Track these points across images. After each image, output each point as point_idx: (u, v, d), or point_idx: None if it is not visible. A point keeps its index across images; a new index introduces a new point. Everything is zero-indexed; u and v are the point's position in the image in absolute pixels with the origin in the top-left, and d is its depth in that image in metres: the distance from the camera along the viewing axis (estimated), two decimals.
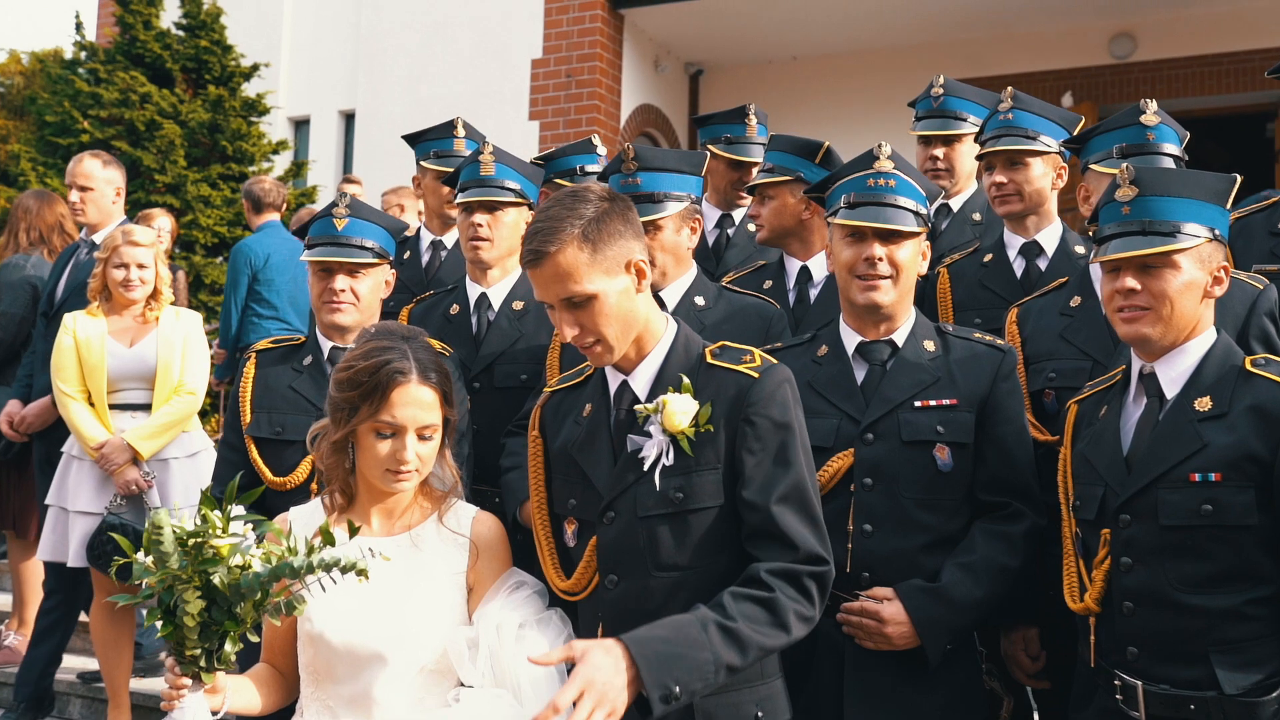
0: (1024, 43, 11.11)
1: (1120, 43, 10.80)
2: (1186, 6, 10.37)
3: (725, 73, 12.23)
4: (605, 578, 2.48)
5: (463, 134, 4.68)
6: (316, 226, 3.53)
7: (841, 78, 11.58)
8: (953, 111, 4.06)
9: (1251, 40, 10.24)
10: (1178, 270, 2.52)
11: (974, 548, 2.78)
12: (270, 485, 3.41)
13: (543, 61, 11.00)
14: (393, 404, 2.55)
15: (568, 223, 2.42)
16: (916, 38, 11.34)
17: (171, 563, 2.13)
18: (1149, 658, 2.49)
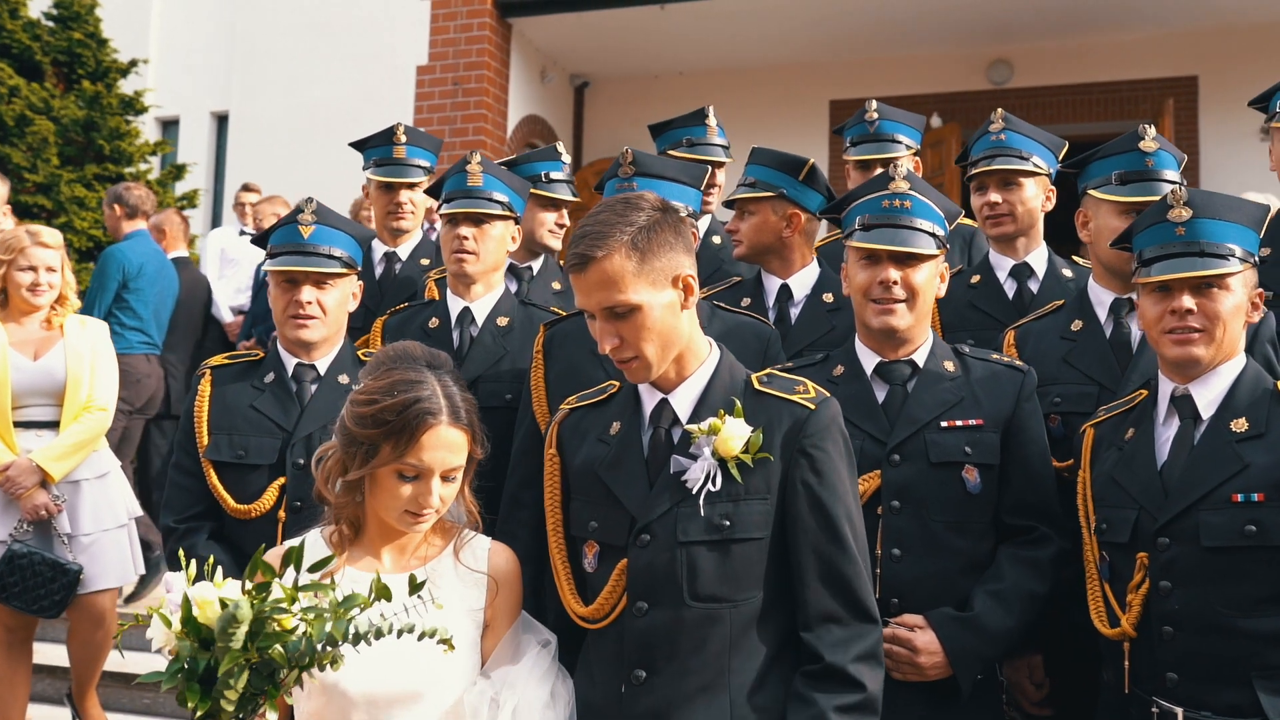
0: (905, 66, 11.34)
1: (998, 69, 11.12)
2: (1061, 37, 10.74)
3: (611, 85, 12.14)
4: (633, 605, 2.34)
5: (404, 140, 4.48)
6: (280, 234, 3.29)
7: (726, 94, 11.59)
8: (889, 135, 4.09)
9: (1122, 71, 10.67)
10: (1230, 292, 2.54)
11: (1003, 575, 2.74)
12: (232, 513, 3.17)
13: (429, 68, 10.72)
14: (421, 447, 2.33)
15: (618, 229, 2.33)
16: (802, 57, 11.47)
17: (235, 643, 1.88)
18: (1190, 683, 2.46)
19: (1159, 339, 2.60)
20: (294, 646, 1.89)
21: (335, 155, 10.52)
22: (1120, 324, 3.08)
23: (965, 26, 10.68)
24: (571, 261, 2.35)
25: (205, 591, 1.94)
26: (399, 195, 4.42)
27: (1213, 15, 10.24)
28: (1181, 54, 10.56)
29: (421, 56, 10.71)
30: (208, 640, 1.93)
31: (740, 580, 2.32)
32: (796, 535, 2.32)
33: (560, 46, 11.46)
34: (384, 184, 4.44)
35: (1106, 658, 2.67)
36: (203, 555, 3.05)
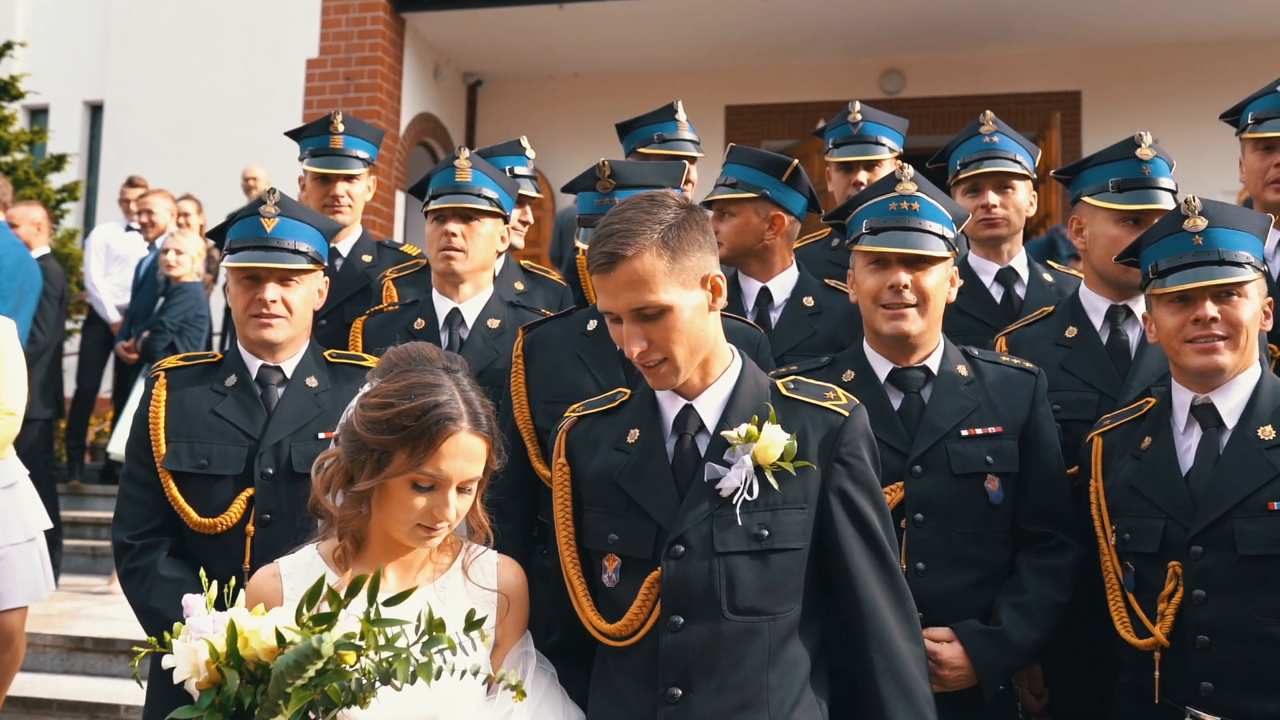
0: (801, 73, 11.43)
1: (890, 79, 11.30)
2: (952, 50, 10.97)
3: (505, 85, 11.94)
4: (668, 619, 2.23)
5: (342, 129, 4.25)
6: (240, 228, 3.05)
7: (622, 97, 11.49)
8: (872, 137, 4.01)
9: (1010, 84, 10.95)
10: (1249, 300, 2.54)
11: (1025, 586, 2.70)
12: (195, 528, 2.92)
13: (319, 62, 10.37)
14: (440, 456, 2.17)
15: (647, 226, 2.22)
16: (699, 62, 11.47)
17: (302, 680, 1.68)
18: (1226, 692, 2.44)
19: (1180, 349, 2.58)
20: (354, 684, 1.70)
21: (218, 149, 10.13)
22: (1117, 331, 3.06)
23: (860, 37, 10.83)
24: (598, 261, 2.23)
25: (255, 621, 1.74)
26: (336, 187, 4.18)
27: (1094, 34, 10.60)
28: (1066, 70, 10.89)
29: (312, 49, 10.36)
30: (253, 674, 1.73)
31: (779, 592, 2.25)
32: (840, 545, 2.28)
33: (454, 44, 11.22)
34: (320, 175, 4.20)
35: (1130, 667, 2.63)
36: (163, 574, 2.86)
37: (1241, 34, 10.29)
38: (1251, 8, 9.85)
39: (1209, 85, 9.98)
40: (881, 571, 2.30)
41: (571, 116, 11.58)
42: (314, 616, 1.73)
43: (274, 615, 1.79)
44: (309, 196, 4.27)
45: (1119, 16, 10.20)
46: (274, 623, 1.75)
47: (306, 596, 1.74)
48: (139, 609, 2.94)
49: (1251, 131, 3.41)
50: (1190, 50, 10.49)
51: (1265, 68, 10.16)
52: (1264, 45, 10.24)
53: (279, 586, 2.27)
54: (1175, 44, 10.52)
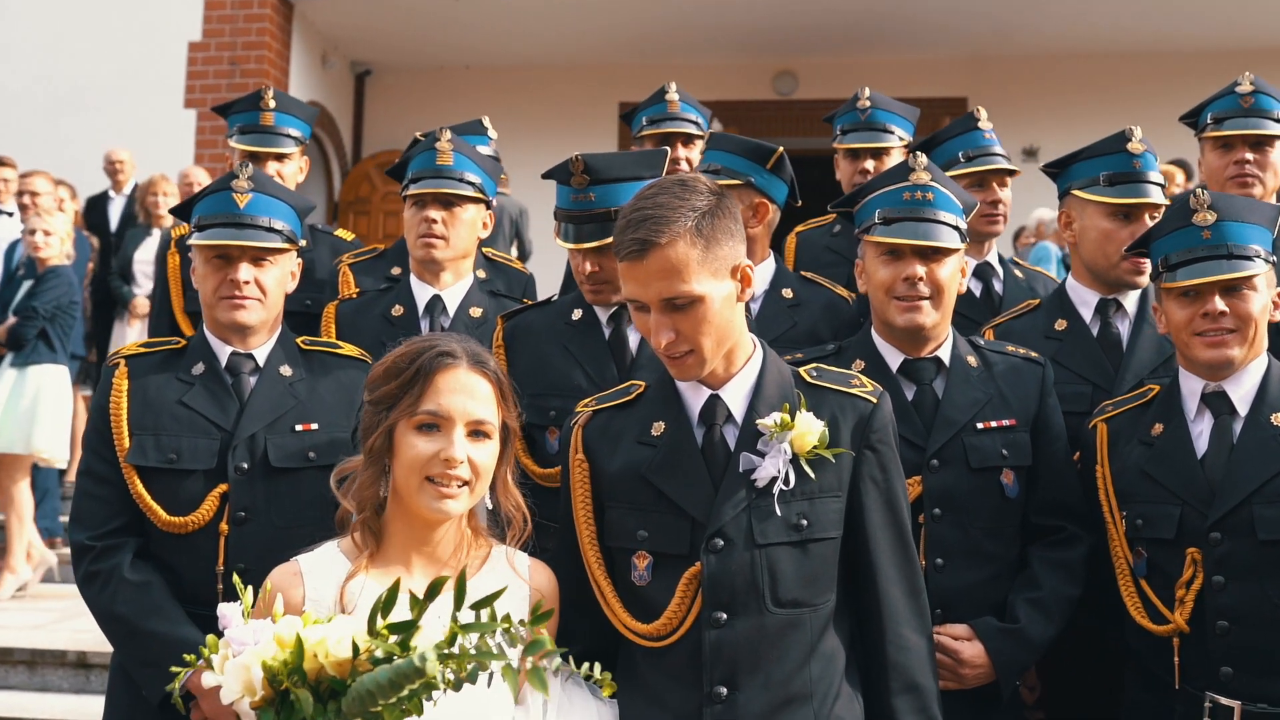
0: (695, 72, 11.38)
1: (783, 80, 11.38)
2: (843, 54, 11.10)
3: (394, 75, 11.64)
4: (710, 615, 2.16)
5: (273, 106, 4.04)
6: (209, 203, 2.84)
7: (514, 91, 11.36)
8: (881, 124, 3.95)
9: (899, 89, 11.00)
10: (1258, 293, 2.57)
11: (1039, 581, 2.69)
12: (163, 527, 2.71)
13: (202, 45, 9.93)
14: (437, 389, 2.10)
15: (680, 213, 2.14)
16: (593, 57, 11.36)
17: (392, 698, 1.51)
18: (1246, 676, 2.46)
19: (1189, 341, 2.61)
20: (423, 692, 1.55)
21: (93, 131, 9.61)
22: (1108, 324, 3.09)
23: (753, 37, 10.87)
24: (628, 248, 2.14)
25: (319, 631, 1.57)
26: (266, 167, 3.97)
27: (979, 43, 10.86)
28: (953, 76, 11.14)
29: (194, 32, 9.93)
30: (317, 689, 1.56)
31: (819, 582, 2.21)
32: (868, 534, 2.24)
33: (343, 31, 10.90)
34: (249, 154, 3.99)
35: (1144, 654, 2.64)
36: (129, 578, 2.64)
37: (1122, 47, 10.68)
38: (1131, 22, 10.23)
39: (1091, 95, 10.35)
40: (903, 562, 2.27)
41: (463, 109, 11.18)
42: (392, 625, 1.57)
43: (340, 624, 1.62)
44: None
45: (1003, 26, 10.48)
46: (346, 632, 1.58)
47: (381, 603, 1.58)
48: (102, 615, 2.71)
49: (1211, 131, 3.49)
50: (1074, 61, 10.84)
51: (1144, 80, 10.59)
52: (1144, 58, 10.67)
53: (300, 584, 2.13)
54: (1059, 55, 10.85)
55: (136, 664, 2.67)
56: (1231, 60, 10.47)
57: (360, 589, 2.10)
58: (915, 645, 2.25)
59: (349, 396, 2.88)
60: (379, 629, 1.58)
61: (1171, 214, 2.68)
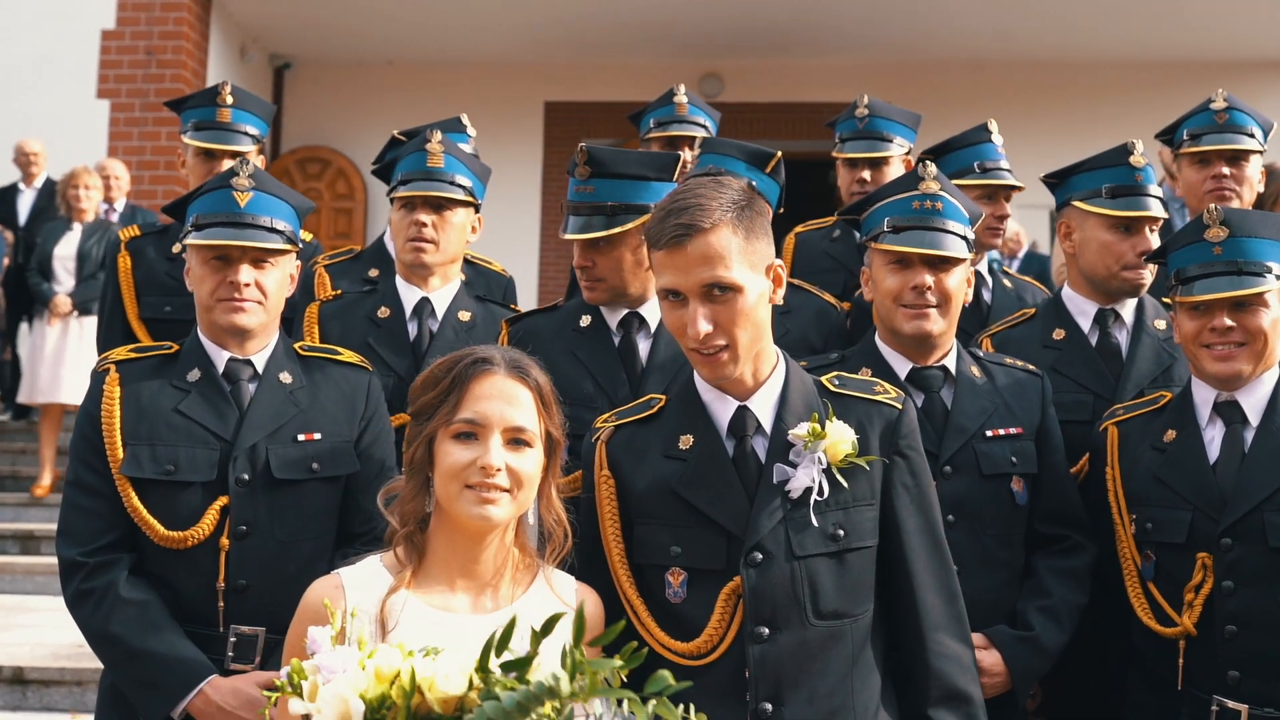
0: (621, 72, 11.40)
1: (709, 82, 11.41)
2: (770, 57, 11.19)
3: (314, 69, 11.38)
4: (752, 630, 2.12)
5: (230, 101, 3.90)
6: (208, 201, 2.72)
7: (439, 88, 11.20)
8: (879, 133, 3.89)
9: (825, 94, 11.22)
10: (1268, 308, 2.63)
11: (1049, 589, 2.73)
12: (161, 542, 2.59)
13: (116, 34, 9.59)
14: (474, 396, 2.04)
15: (721, 202, 2.14)
16: (519, 55, 11.27)
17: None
18: (1253, 680, 2.52)
19: (1198, 353, 2.67)
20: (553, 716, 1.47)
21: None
22: (1107, 333, 3.14)
23: (679, 39, 10.89)
24: (671, 234, 2.12)
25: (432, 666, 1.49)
26: (222, 164, 3.83)
27: (902, 49, 11.02)
28: (876, 82, 11.22)
29: (108, 20, 9.59)
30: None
31: (858, 593, 2.20)
32: (903, 541, 2.23)
33: (262, 23, 10.63)
34: (204, 151, 3.84)
35: (1148, 657, 2.69)
36: (125, 596, 2.52)
37: (1044, 56, 10.94)
38: (1053, 34, 10.48)
39: (1012, 102, 10.56)
40: (939, 568, 2.27)
41: (385, 106, 11.16)
42: (508, 663, 1.49)
43: (447, 659, 1.55)
44: (190, 173, 3.91)
45: (925, 33, 10.65)
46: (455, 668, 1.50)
47: (499, 638, 1.50)
48: (96, 636, 2.57)
49: (1189, 147, 3.58)
50: (997, 68, 11.05)
51: (1066, 88, 10.87)
52: (1066, 68, 10.93)
53: (341, 598, 2.03)
54: (983, 61, 11.06)
55: (135, 686, 2.55)
56: (1145, 73, 10.83)
57: (402, 605, 2.03)
58: (956, 652, 2.24)
59: (351, 404, 2.80)
60: (489, 665, 1.50)
61: (1186, 228, 2.74)
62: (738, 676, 2.13)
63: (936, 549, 2.26)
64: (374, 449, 2.81)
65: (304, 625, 2.02)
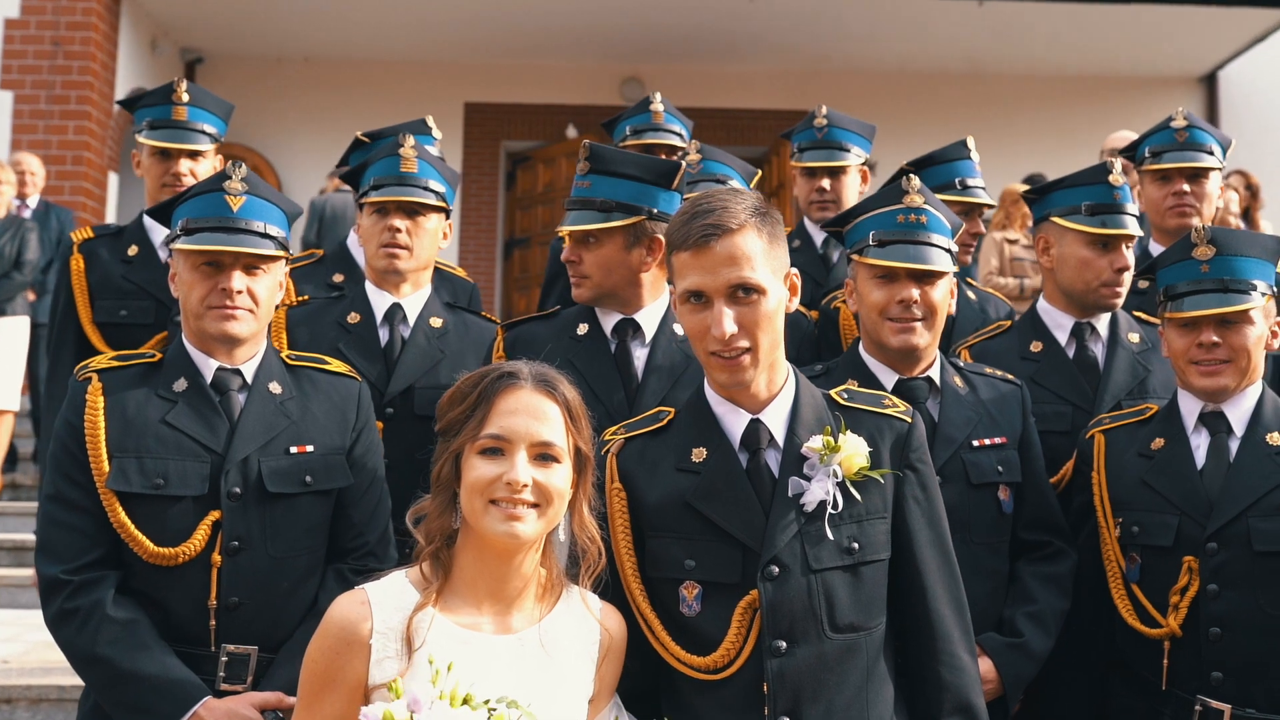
0: (542, 74, 11.35)
1: (630, 86, 11.41)
2: (690, 61, 11.23)
3: (228, 64, 11.09)
4: (770, 644, 2.12)
5: (186, 99, 3.79)
6: (198, 205, 2.63)
7: (357, 87, 11.04)
8: (837, 142, 3.98)
9: (743, 100, 11.35)
10: (1253, 325, 2.72)
11: (1034, 595, 2.79)
12: (150, 559, 2.50)
13: (21, 23, 9.23)
14: (500, 411, 2.01)
15: (744, 206, 2.18)
16: (439, 55, 11.14)
17: None
18: (1235, 681, 2.61)
19: (1186, 368, 2.76)
20: None
21: None
22: (1084, 346, 3.21)
23: (599, 42, 10.89)
24: (699, 234, 2.13)
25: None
26: (178, 164, 3.73)
27: (819, 57, 11.16)
28: (794, 89, 11.41)
29: (12, 8, 9.25)
30: None
31: (872, 605, 2.21)
32: (915, 554, 2.25)
33: (174, 15, 10.34)
34: (160, 150, 3.73)
35: (1132, 658, 2.77)
36: (113, 616, 2.42)
37: (959, 67, 11.17)
38: (962, 47, 10.70)
39: (927, 111, 10.77)
40: (949, 581, 2.29)
41: (301, 103, 10.97)
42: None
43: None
44: (145, 174, 3.80)
45: (841, 42, 10.81)
46: None
47: None
48: (82, 657, 2.47)
49: (1150, 164, 3.69)
50: (911, 77, 11.26)
51: (981, 99, 11.10)
52: (978, 79, 11.17)
53: (368, 615, 1.98)
54: (895, 72, 11.26)
55: (124, 710, 2.45)
56: (1052, 85, 11.14)
57: (429, 623, 1.98)
58: (967, 665, 2.26)
59: (342, 414, 2.74)
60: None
61: (1175, 246, 2.83)
62: (755, 690, 2.12)
63: (946, 561, 2.28)
64: (367, 459, 2.75)
65: (329, 642, 1.98)
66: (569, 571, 2.17)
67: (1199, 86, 11.25)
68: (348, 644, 1.96)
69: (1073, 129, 10.76)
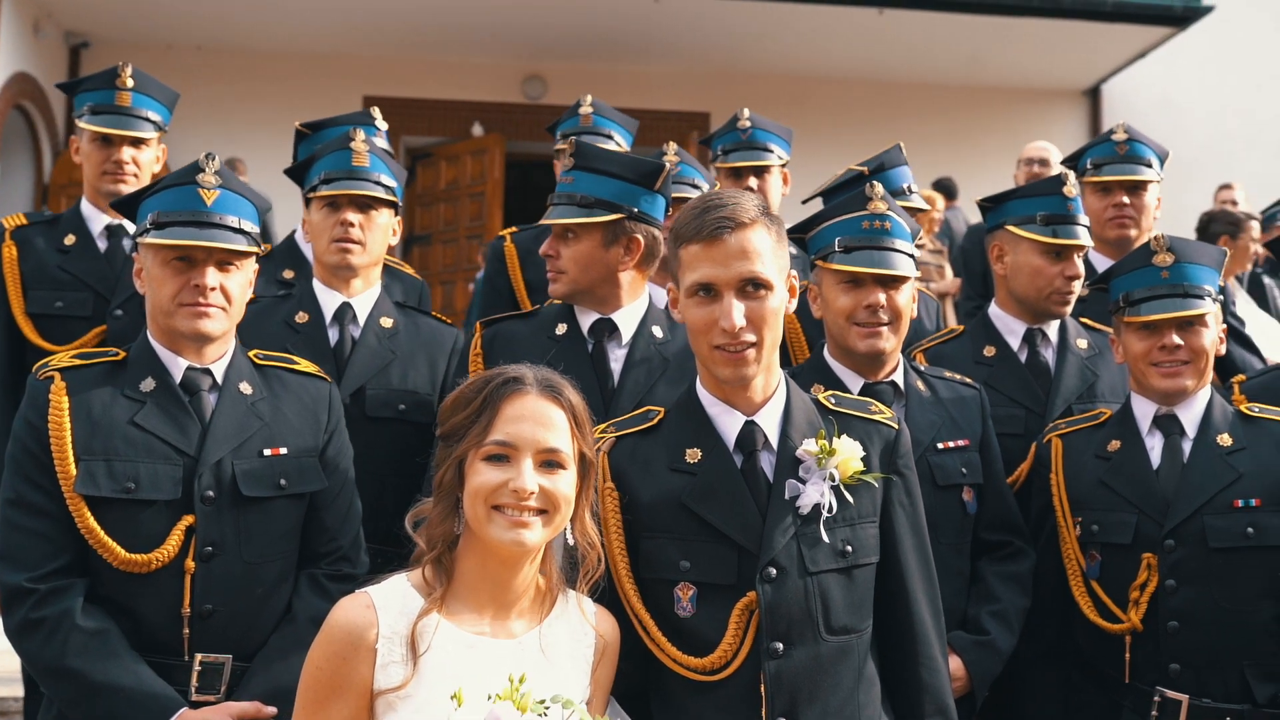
0: (444, 70, 11.19)
1: (533, 84, 11.32)
2: (592, 61, 11.19)
3: (115, 50, 10.61)
4: (767, 646, 2.13)
5: (131, 85, 3.67)
6: (170, 198, 2.55)
7: (252, 78, 10.74)
8: (761, 143, 4.05)
9: (647, 100, 11.29)
10: (1208, 328, 2.85)
11: (997, 594, 2.88)
12: (121, 566, 2.41)
13: None
14: (505, 418, 1.98)
15: (753, 204, 2.21)
16: (336, 48, 10.89)
17: None
18: (1192, 672, 2.72)
19: (1147, 371, 2.87)
20: None
21: None
22: (1036, 351, 3.31)
23: (501, 39, 10.77)
24: (712, 227, 2.15)
25: None
26: (120, 151, 3.62)
27: (720, 60, 11.24)
28: (696, 91, 11.47)
29: None
30: None
31: (863, 608, 2.24)
32: (899, 558, 2.29)
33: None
34: (101, 136, 3.61)
35: (1094, 654, 2.87)
36: (83, 625, 2.35)
37: (855, 74, 11.36)
38: (866, 55, 10.90)
39: (825, 116, 10.94)
40: (928, 585, 2.34)
41: (192, 93, 10.41)
42: None
43: None
44: (84, 160, 3.66)
45: (743, 46, 10.91)
46: None
47: None
48: (48, 670, 2.36)
49: (1091, 176, 3.82)
50: (810, 83, 11.40)
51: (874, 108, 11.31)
52: (876, 85, 11.39)
53: (374, 619, 1.94)
54: (797, 78, 11.39)
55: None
56: (947, 94, 11.42)
57: (434, 628, 1.95)
58: (942, 668, 2.32)
59: (314, 416, 2.68)
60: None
61: (1133, 254, 2.95)
62: (752, 691, 2.13)
63: (926, 565, 2.33)
64: (339, 460, 2.70)
65: (335, 646, 1.95)
66: (565, 575, 2.15)
67: (1084, 99, 11.65)
68: (354, 648, 1.93)
69: (966, 138, 11.06)
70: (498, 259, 3.94)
